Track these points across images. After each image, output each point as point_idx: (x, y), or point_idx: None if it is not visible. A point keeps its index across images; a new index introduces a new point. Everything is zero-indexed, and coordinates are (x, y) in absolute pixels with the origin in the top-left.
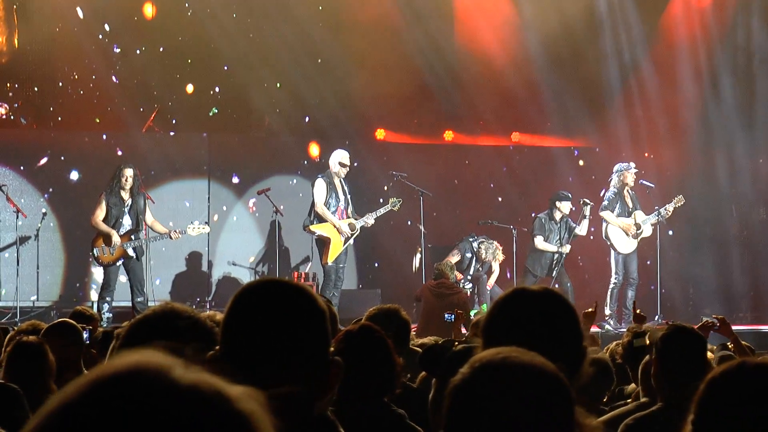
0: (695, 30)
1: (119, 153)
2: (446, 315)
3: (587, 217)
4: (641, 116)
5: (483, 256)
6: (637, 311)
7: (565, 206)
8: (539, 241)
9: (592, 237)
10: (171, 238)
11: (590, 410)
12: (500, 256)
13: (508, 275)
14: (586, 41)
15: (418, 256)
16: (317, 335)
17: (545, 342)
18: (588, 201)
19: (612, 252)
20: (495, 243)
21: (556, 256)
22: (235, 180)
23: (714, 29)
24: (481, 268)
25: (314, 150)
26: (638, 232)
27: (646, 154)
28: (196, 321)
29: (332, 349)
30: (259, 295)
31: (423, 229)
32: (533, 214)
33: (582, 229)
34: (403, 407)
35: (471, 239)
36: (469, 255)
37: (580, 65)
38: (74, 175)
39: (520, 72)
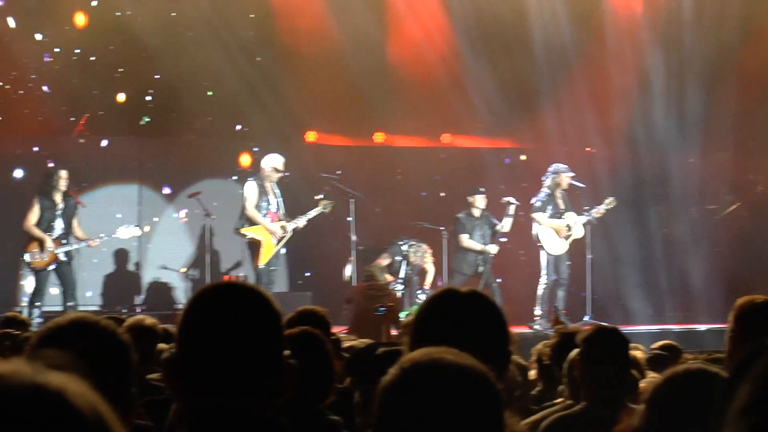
0: (626, 30)
1: (48, 159)
2: (379, 308)
3: (510, 215)
4: (572, 116)
5: (412, 259)
6: (558, 317)
7: (478, 200)
8: (464, 239)
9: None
10: (90, 246)
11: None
12: (429, 259)
13: (440, 282)
14: (516, 40)
15: (349, 266)
16: (272, 338)
17: (472, 344)
18: (512, 200)
19: (543, 253)
20: (423, 246)
21: (482, 255)
22: (166, 187)
23: (645, 29)
24: (411, 271)
25: (245, 160)
26: (569, 233)
27: (589, 149)
28: (105, 334)
29: (287, 352)
30: (215, 298)
31: (354, 238)
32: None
33: (505, 227)
34: (339, 414)
35: (400, 243)
36: (399, 258)
37: (511, 65)
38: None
39: (451, 73)
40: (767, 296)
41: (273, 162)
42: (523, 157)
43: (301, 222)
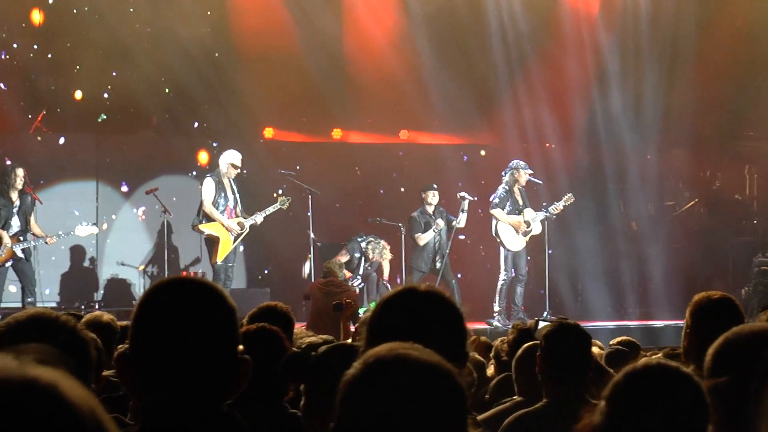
0: (583, 26)
1: (5, 156)
2: (337, 305)
3: (465, 210)
4: (531, 112)
5: (371, 256)
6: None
7: (430, 196)
8: (420, 238)
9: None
10: (47, 243)
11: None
12: (388, 255)
13: (398, 280)
14: (474, 37)
15: (308, 264)
16: (227, 333)
17: (429, 342)
18: (466, 195)
19: (501, 249)
20: (382, 242)
21: (438, 251)
22: (124, 185)
23: (602, 25)
24: (370, 267)
25: (203, 157)
26: (528, 229)
27: (548, 144)
28: (65, 329)
29: (241, 347)
30: (169, 293)
31: (313, 236)
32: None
33: (461, 222)
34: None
35: (359, 239)
36: (357, 255)
37: (469, 62)
38: None
39: (409, 69)
40: (725, 292)
41: (230, 158)
42: (482, 153)
43: (258, 218)
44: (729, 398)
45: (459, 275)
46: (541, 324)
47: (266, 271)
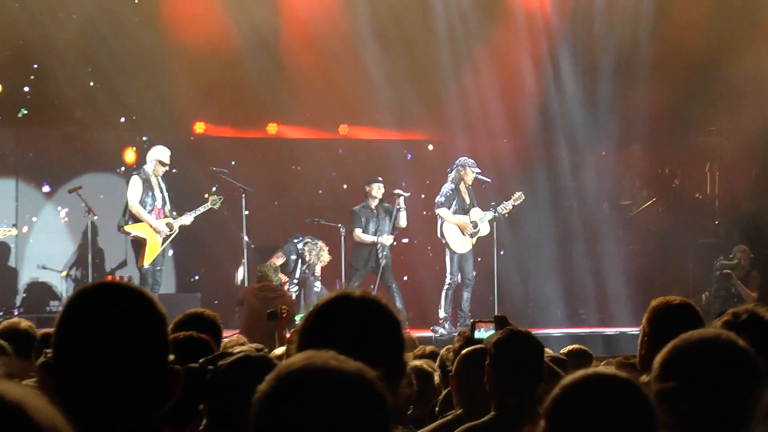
0: (535, 18)
1: None
2: (271, 313)
3: (403, 208)
4: (479, 107)
5: (307, 258)
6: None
7: (375, 189)
8: (358, 233)
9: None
10: None
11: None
12: (325, 257)
13: (337, 284)
14: (418, 25)
15: (242, 269)
16: (156, 342)
17: (364, 351)
18: (401, 192)
19: (447, 251)
20: (320, 243)
21: (378, 247)
22: (45, 185)
23: (555, 17)
24: (307, 270)
25: (130, 155)
26: (475, 230)
27: (498, 140)
28: None
29: (172, 357)
30: (94, 299)
31: (246, 239)
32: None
33: (401, 221)
34: None
35: (295, 240)
36: (294, 257)
37: (413, 51)
38: None
39: (349, 59)
40: (684, 297)
41: (158, 155)
42: (430, 147)
43: (188, 219)
44: (677, 404)
45: (405, 278)
46: (482, 331)
47: (197, 277)
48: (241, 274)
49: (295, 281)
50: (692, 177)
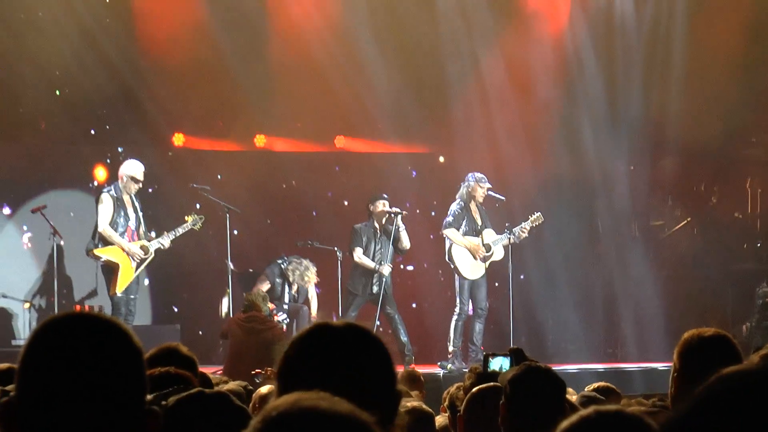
0: (555, 20)
1: None
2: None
3: (402, 228)
4: (491, 118)
5: (291, 279)
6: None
7: (380, 206)
8: (358, 254)
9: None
10: None
11: None
12: (313, 278)
13: (334, 316)
14: (422, 28)
15: (226, 300)
16: (131, 380)
17: (350, 387)
18: (399, 210)
19: (456, 278)
20: (305, 262)
21: (376, 276)
22: (6, 206)
23: (577, 20)
24: (297, 295)
25: (101, 173)
26: (488, 254)
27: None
28: None
29: (149, 397)
30: (62, 331)
31: (231, 266)
32: None
33: (403, 242)
34: None
35: (279, 261)
36: (279, 280)
37: (417, 56)
38: None
39: (346, 65)
40: (720, 329)
41: (130, 170)
42: (441, 159)
43: (165, 241)
44: None
45: (414, 305)
46: (497, 361)
47: (176, 309)
48: (225, 305)
49: (285, 307)
50: (731, 194)
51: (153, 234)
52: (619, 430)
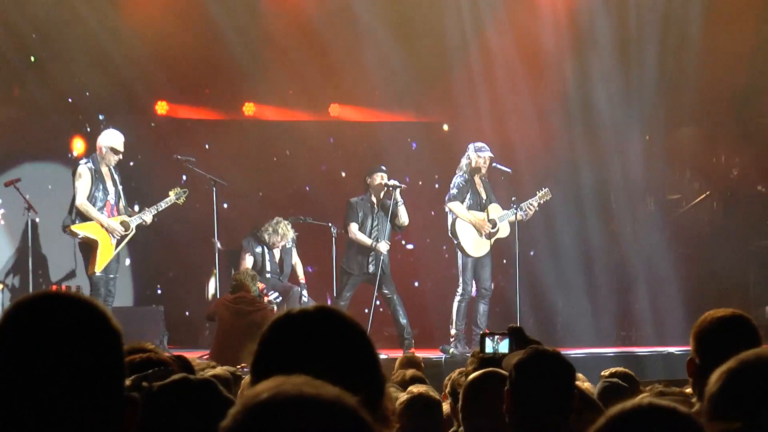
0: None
1: None
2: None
3: (400, 202)
4: (496, 84)
5: (268, 240)
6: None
7: (377, 179)
8: (354, 229)
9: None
10: None
11: None
12: (288, 231)
13: (328, 296)
14: None
15: (213, 280)
16: (109, 365)
17: (327, 373)
18: (398, 183)
19: (459, 255)
20: (277, 220)
21: (372, 254)
22: None
23: None
24: (282, 263)
25: (78, 144)
26: (493, 231)
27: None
28: None
29: (128, 383)
30: (35, 313)
31: (218, 244)
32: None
33: (401, 218)
34: None
35: (255, 231)
36: (258, 249)
37: (418, 14)
38: None
39: (341, 27)
40: (741, 310)
41: (109, 141)
42: (445, 127)
43: (147, 216)
44: None
45: (416, 284)
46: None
47: (159, 290)
48: (213, 286)
49: (268, 276)
50: (753, 166)
51: (135, 209)
52: (672, 428)
